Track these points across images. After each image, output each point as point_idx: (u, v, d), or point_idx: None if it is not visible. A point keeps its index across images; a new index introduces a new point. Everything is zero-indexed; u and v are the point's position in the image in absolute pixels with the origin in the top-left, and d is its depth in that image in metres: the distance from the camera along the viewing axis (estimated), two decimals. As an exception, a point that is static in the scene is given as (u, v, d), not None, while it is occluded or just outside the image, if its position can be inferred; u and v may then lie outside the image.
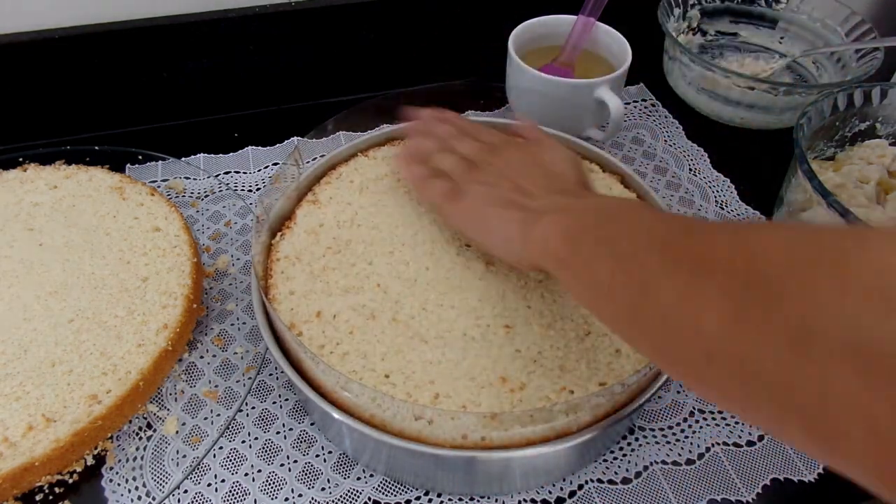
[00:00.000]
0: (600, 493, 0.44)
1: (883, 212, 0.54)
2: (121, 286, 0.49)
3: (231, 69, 0.69)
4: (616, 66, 0.63)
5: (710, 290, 0.24)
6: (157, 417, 0.46)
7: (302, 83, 0.72)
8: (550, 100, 0.60)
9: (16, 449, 0.41)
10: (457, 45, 0.74)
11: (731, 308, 0.23)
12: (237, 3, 0.66)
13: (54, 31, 0.62)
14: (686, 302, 0.25)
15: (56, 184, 0.57)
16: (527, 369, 0.41)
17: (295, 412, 0.47)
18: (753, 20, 0.78)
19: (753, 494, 0.44)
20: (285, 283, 0.45)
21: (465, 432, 0.38)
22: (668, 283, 0.26)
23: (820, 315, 0.21)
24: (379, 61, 0.73)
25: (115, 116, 0.68)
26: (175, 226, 0.54)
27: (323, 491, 0.43)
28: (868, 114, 0.60)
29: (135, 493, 0.43)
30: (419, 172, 0.48)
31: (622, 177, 0.53)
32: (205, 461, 0.44)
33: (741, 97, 0.68)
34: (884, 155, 0.59)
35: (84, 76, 0.65)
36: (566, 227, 0.35)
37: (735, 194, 0.64)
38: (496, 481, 0.42)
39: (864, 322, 0.20)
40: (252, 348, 0.50)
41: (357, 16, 0.69)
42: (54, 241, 0.52)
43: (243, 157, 0.66)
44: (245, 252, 0.57)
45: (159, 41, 0.65)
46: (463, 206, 0.43)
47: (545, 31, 0.67)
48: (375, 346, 0.42)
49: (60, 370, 0.45)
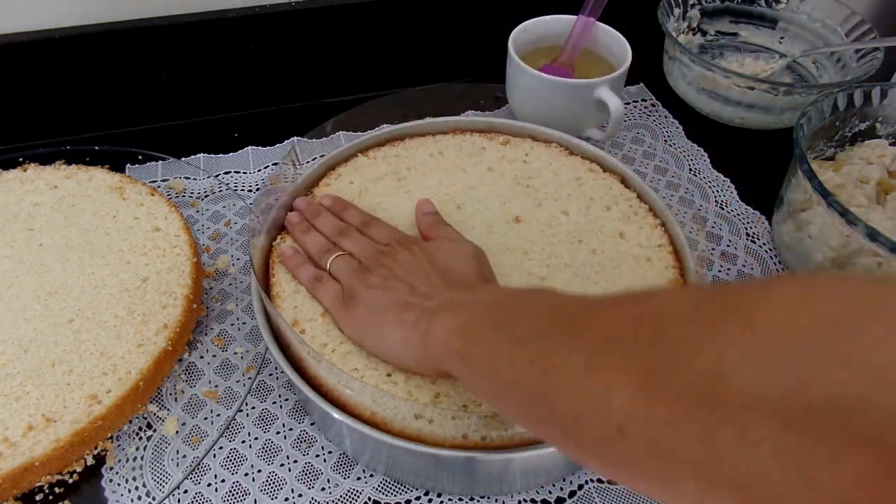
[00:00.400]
0: (600, 493, 0.44)
1: (883, 212, 0.54)
2: (121, 286, 0.49)
3: (231, 69, 0.69)
4: (616, 66, 0.63)
5: (617, 359, 0.23)
6: (157, 417, 0.46)
7: (302, 83, 0.72)
8: (550, 100, 0.60)
9: (16, 449, 0.41)
10: (457, 45, 0.74)
11: (639, 374, 0.22)
12: (237, 3, 0.66)
13: (54, 31, 0.62)
14: (593, 375, 0.23)
15: (56, 184, 0.57)
16: (527, 369, 0.41)
17: (295, 412, 0.47)
18: (753, 20, 0.78)
19: (753, 494, 0.44)
20: (289, 282, 0.45)
21: (466, 432, 0.38)
22: (572, 359, 0.25)
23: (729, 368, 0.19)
24: (379, 61, 0.73)
25: (115, 116, 0.68)
26: (175, 226, 0.54)
27: (323, 491, 0.43)
28: (868, 114, 0.60)
29: (135, 493, 0.42)
30: (307, 275, 0.44)
31: (622, 177, 0.53)
32: (205, 461, 0.44)
33: (741, 97, 0.68)
34: (884, 155, 0.59)
35: (84, 76, 0.65)
36: (462, 321, 0.33)
37: (735, 194, 0.64)
38: (496, 481, 0.42)
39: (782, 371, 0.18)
40: (252, 348, 0.50)
41: (357, 16, 0.69)
42: (54, 241, 0.52)
43: (243, 157, 0.66)
44: (245, 252, 0.57)
45: (159, 41, 0.65)
46: (356, 314, 0.41)
47: (545, 31, 0.67)
48: (376, 346, 0.42)
49: (60, 370, 0.45)
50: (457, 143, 0.56)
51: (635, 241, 0.48)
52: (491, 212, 0.50)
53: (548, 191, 0.52)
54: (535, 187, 0.52)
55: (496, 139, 0.57)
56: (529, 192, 0.52)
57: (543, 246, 0.48)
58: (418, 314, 0.37)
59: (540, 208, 0.51)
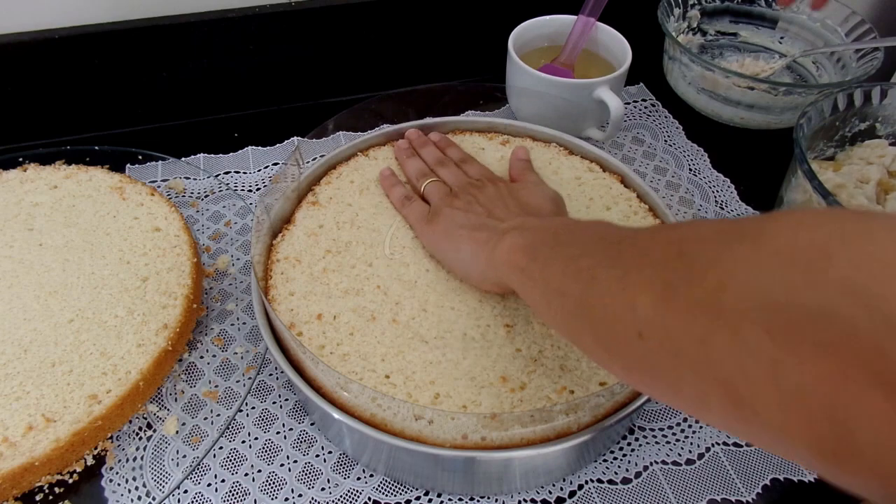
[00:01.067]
0: (600, 493, 0.44)
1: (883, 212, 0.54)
2: (121, 286, 0.49)
3: (231, 69, 0.69)
4: (616, 66, 0.63)
5: (645, 275, 0.26)
6: (157, 417, 0.46)
7: (302, 83, 0.72)
8: (550, 100, 0.60)
9: (16, 449, 0.41)
10: (457, 45, 0.74)
11: (660, 286, 0.25)
12: (237, 3, 0.65)
13: (54, 31, 0.62)
14: (625, 288, 0.27)
15: (56, 184, 0.57)
16: (527, 369, 0.41)
17: (295, 412, 0.47)
18: (753, 20, 0.78)
19: (753, 494, 0.44)
20: (285, 284, 0.45)
21: (466, 432, 0.38)
22: (610, 274, 0.29)
23: (733, 281, 0.22)
24: (379, 61, 0.73)
25: (115, 116, 0.68)
26: (175, 226, 0.54)
27: (323, 491, 0.43)
28: (868, 114, 0.60)
29: (135, 493, 0.42)
30: (399, 194, 0.51)
31: (622, 177, 0.53)
32: (205, 461, 0.44)
33: (741, 97, 0.67)
34: (884, 155, 0.59)
35: (84, 76, 0.65)
36: (527, 240, 0.38)
37: (735, 194, 0.64)
38: (496, 481, 0.42)
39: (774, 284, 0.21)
40: (252, 348, 0.50)
41: (357, 16, 0.69)
42: (54, 241, 0.52)
43: (243, 157, 0.66)
44: (245, 252, 0.57)
45: (159, 41, 0.65)
46: (435, 228, 0.46)
47: (545, 31, 0.67)
48: (376, 347, 0.42)
49: (60, 370, 0.45)
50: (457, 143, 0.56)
51: (635, 242, 0.48)
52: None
53: (548, 191, 0.52)
54: (535, 187, 0.52)
55: (496, 139, 0.57)
56: (529, 193, 0.52)
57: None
58: (490, 234, 0.42)
59: (540, 208, 0.51)
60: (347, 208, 0.51)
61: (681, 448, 0.46)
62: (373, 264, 0.47)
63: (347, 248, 0.48)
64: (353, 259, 0.47)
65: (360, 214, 0.50)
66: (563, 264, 0.33)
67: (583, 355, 0.41)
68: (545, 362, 0.41)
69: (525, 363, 0.41)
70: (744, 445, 0.46)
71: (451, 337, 0.42)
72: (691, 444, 0.46)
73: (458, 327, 0.43)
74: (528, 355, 0.41)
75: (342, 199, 0.51)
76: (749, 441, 0.34)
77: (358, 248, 0.48)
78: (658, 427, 0.47)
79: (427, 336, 0.42)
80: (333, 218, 0.50)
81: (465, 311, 0.44)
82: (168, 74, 0.67)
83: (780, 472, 0.45)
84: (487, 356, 0.41)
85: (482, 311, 0.44)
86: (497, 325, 0.43)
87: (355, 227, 0.49)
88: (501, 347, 0.42)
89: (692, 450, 0.46)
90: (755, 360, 0.21)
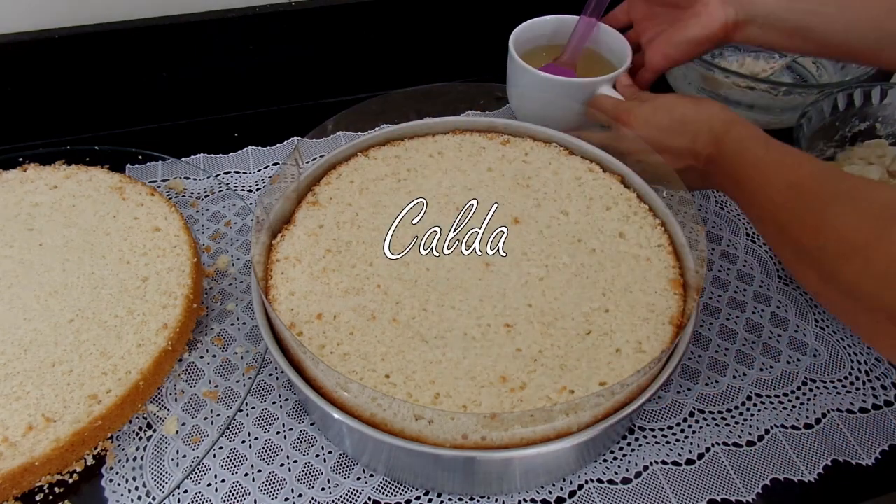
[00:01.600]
0: (600, 493, 0.44)
1: None
2: (121, 286, 0.49)
3: (231, 69, 0.69)
4: (617, 65, 0.63)
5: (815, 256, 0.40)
6: (157, 417, 0.46)
7: (302, 83, 0.72)
8: (551, 99, 0.60)
9: (16, 449, 0.41)
10: (457, 45, 0.74)
11: (818, 272, 0.39)
12: (237, 3, 0.66)
13: (54, 31, 0.62)
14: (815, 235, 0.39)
15: (56, 184, 0.57)
16: (527, 368, 0.41)
17: (295, 412, 0.47)
18: (753, 20, 0.78)
19: (753, 494, 0.44)
20: (285, 283, 0.45)
21: (466, 432, 0.38)
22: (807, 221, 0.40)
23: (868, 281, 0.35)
24: (379, 61, 0.73)
25: (115, 116, 0.68)
26: (175, 226, 0.54)
27: (323, 491, 0.43)
28: (868, 114, 0.60)
29: (135, 493, 0.42)
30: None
31: (622, 177, 0.53)
32: (205, 461, 0.44)
33: (741, 97, 0.67)
34: (884, 155, 0.59)
35: (84, 76, 0.65)
36: (756, 132, 0.46)
37: (735, 194, 0.64)
38: (496, 481, 0.42)
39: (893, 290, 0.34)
40: (252, 348, 0.50)
41: (357, 16, 0.69)
42: (54, 241, 0.52)
43: (243, 157, 0.66)
44: (245, 252, 0.57)
45: (159, 41, 0.65)
46: (656, 104, 0.53)
47: (546, 31, 0.66)
48: (376, 347, 0.42)
49: (60, 370, 0.45)
50: (457, 143, 0.56)
51: (635, 241, 0.48)
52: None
53: (547, 190, 0.52)
54: (535, 187, 0.52)
55: (496, 139, 0.57)
56: (529, 192, 0.52)
57: (543, 246, 0.48)
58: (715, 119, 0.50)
59: (539, 208, 0.51)
60: (347, 208, 0.51)
61: (681, 448, 0.46)
62: (373, 264, 0.47)
63: (348, 247, 0.48)
64: (354, 259, 0.47)
65: (360, 214, 0.50)
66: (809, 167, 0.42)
67: (583, 355, 0.41)
68: (545, 362, 0.41)
69: (525, 362, 0.41)
70: (744, 445, 0.46)
71: (451, 336, 0.42)
72: (691, 444, 0.46)
73: (459, 326, 0.43)
74: (528, 355, 0.41)
75: (342, 199, 0.51)
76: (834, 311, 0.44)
77: (358, 248, 0.48)
78: (658, 427, 0.47)
79: (427, 335, 0.42)
80: (333, 218, 0.50)
81: (465, 310, 0.44)
82: (168, 74, 0.67)
83: (780, 472, 0.45)
84: (487, 356, 0.41)
85: (482, 311, 0.44)
86: (497, 324, 0.43)
87: (355, 226, 0.49)
88: (502, 347, 0.42)
89: (692, 450, 0.46)
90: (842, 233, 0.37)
